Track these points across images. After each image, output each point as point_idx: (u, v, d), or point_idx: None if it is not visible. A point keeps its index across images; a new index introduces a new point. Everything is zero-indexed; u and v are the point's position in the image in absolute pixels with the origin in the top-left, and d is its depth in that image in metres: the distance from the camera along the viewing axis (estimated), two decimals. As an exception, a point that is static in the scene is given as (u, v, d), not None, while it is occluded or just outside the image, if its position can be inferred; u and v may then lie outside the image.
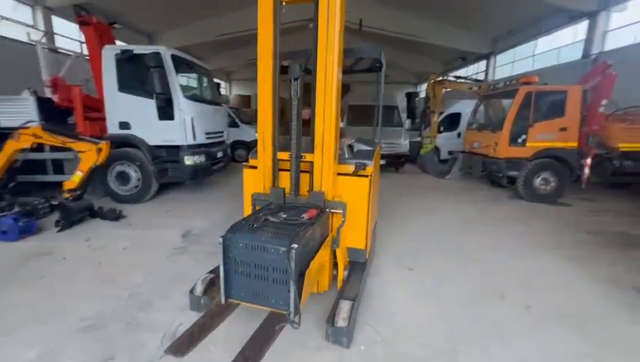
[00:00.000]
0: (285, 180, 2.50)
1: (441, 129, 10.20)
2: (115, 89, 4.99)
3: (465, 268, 3.25)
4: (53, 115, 5.17)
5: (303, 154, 2.44)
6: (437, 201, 5.88)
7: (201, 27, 14.35)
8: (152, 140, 5.13)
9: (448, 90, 10.29)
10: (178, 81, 5.01)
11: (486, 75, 15.56)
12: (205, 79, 6.40)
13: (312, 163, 2.39)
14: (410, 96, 14.42)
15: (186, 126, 5.08)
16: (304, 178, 2.48)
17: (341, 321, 1.96)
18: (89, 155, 3.99)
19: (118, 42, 11.54)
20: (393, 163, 8.70)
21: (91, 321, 2.24)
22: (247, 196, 2.65)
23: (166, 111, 5.00)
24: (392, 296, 2.69)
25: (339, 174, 2.53)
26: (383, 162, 8.23)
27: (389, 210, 5.20)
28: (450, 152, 9.51)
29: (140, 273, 2.95)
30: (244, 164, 2.78)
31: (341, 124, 8.55)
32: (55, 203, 4.11)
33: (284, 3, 2.40)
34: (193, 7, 13.04)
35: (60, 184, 4.19)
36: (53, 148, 4.75)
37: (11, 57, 7.91)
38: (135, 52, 4.86)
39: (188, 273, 2.88)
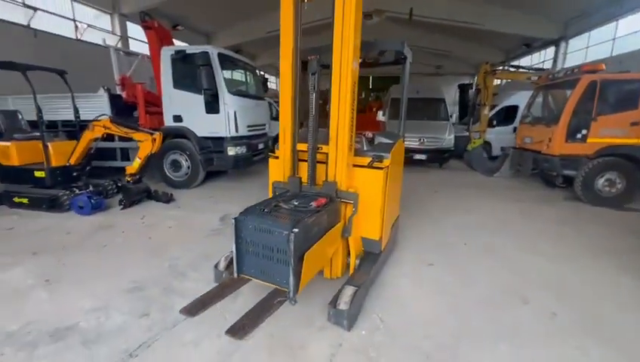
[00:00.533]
0: (305, 170, 2.64)
1: (494, 123, 9.49)
2: (170, 86, 5.59)
3: (493, 268, 3.10)
4: (122, 109, 5.98)
5: (320, 146, 2.55)
6: (478, 199, 5.57)
7: (252, 25, 15.04)
8: (200, 132, 5.65)
9: (507, 80, 9.50)
10: (223, 78, 5.43)
11: (554, 62, 13.95)
12: (250, 75, 6.80)
13: (327, 154, 2.49)
14: (464, 88, 13.58)
15: (229, 119, 5.49)
16: (321, 168, 2.60)
17: (343, 304, 2.07)
18: (146, 144, 4.58)
19: (181, 43, 12.63)
20: (436, 158, 8.36)
21: (137, 284, 2.65)
22: (271, 183, 2.85)
23: (212, 105, 5.47)
24: (406, 289, 2.70)
25: (355, 166, 2.61)
26: (423, 157, 8.03)
27: (423, 206, 5.10)
28: (502, 148, 8.83)
29: (180, 248, 3.36)
30: (270, 154, 2.98)
31: (382, 118, 8.45)
32: (119, 185, 4.79)
33: (305, 0, 2.52)
34: (244, 8, 13.70)
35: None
36: (121, 138, 5.51)
37: (92, 59, 9.19)
38: (187, 52, 5.37)
39: (220, 251, 3.15)
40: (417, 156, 8.08)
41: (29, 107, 4.66)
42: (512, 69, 8.30)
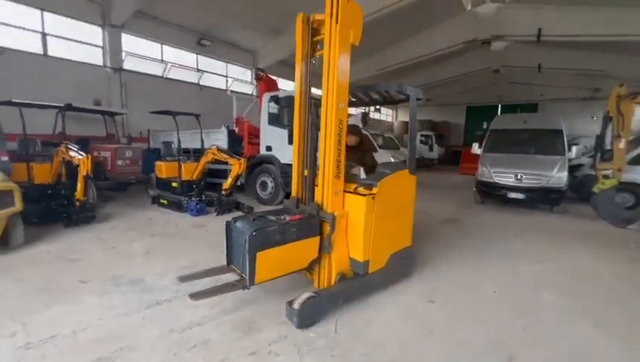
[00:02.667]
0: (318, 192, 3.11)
1: (648, 160, 7.26)
2: (266, 122, 7.09)
3: (505, 322, 2.72)
4: (235, 141, 7.88)
5: (318, 172, 3.04)
6: (568, 252, 4.55)
7: (364, 64, 16.35)
8: (283, 159, 6.84)
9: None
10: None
11: None
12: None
13: (320, 179, 2.96)
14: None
15: (304, 149, 6.47)
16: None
17: (296, 304, 2.45)
18: (235, 167, 6.01)
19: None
20: (540, 198, 7.05)
21: (190, 264, 3.70)
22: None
23: (293, 137, 6.57)
24: (384, 315, 2.77)
25: (345, 191, 2.96)
26: (520, 196, 6.97)
27: (482, 246, 4.69)
28: (650, 193, 6.66)
29: (232, 247, 4.34)
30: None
31: (477, 151, 7.90)
32: (218, 197, 6.38)
33: (316, 55, 3.17)
34: (355, 52, 15.10)
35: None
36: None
37: (224, 103, 12.07)
38: (279, 96, 6.77)
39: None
40: (512, 195, 7.05)
41: (182, 138, 6.95)
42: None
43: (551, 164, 7.00)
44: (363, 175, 3.17)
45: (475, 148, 8.52)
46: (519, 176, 6.99)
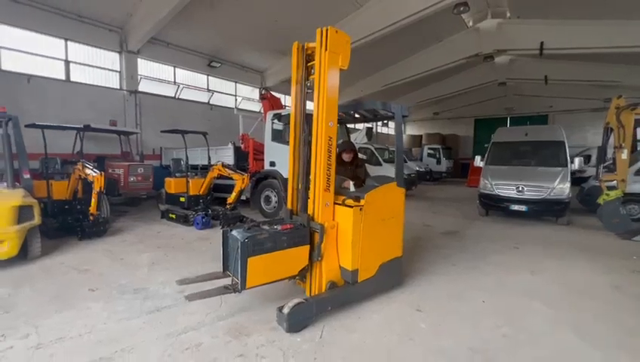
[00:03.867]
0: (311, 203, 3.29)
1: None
2: (270, 139, 7.39)
3: (490, 331, 2.78)
4: (241, 157, 8.20)
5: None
6: (567, 263, 4.55)
7: (369, 81, 16.74)
8: (285, 174, 7.03)
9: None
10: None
11: None
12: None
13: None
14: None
15: (305, 164, 6.71)
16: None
17: (286, 309, 2.59)
18: (239, 182, 6.27)
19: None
20: (544, 210, 7.03)
21: (190, 274, 3.87)
22: (283, 213, 3.67)
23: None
24: (370, 323, 2.86)
25: (335, 203, 3.13)
26: (522, 208, 6.95)
27: (477, 257, 4.76)
28: (657, 204, 6.54)
29: (233, 258, 4.53)
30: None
31: (481, 163, 7.97)
32: (223, 211, 6.63)
33: (310, 78, 3.41)
34: (363, 70, 15.51)
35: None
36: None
37: (233, 121, 12.53)
38: (281, 113, 7.08)
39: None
40: (515, 207, 7.04)
41: (192, 155, 7.29)
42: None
43: (552, 176, 7.00)
44: (352, 188, 3.34)
45: (478, 161, 8.57)
46: (520, 188, 7.00)
